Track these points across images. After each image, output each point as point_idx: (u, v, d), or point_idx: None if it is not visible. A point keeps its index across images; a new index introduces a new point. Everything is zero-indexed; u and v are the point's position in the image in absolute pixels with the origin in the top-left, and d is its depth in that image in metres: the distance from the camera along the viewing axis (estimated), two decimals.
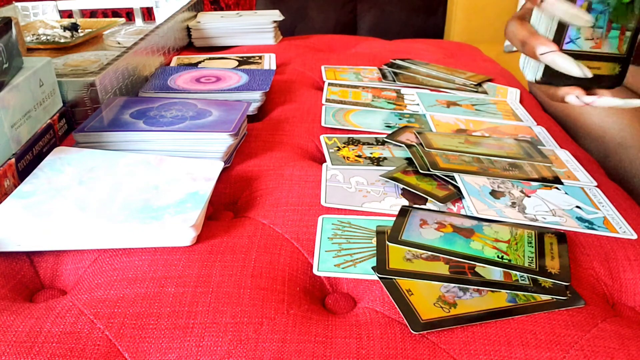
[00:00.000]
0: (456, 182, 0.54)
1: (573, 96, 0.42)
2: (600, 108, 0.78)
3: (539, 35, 0.41)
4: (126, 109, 0.63)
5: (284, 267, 0.42)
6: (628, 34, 0.41)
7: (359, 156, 0.60)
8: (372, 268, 0.42)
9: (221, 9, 2.20)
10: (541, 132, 0.68)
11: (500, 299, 0.39)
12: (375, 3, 2.01)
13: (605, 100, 0.41)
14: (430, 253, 0.43)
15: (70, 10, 1.19)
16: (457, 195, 0.52)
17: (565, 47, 0.41)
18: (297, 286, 0.41)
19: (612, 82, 0.42)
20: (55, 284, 0.44)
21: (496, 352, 0.35)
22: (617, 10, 0.40)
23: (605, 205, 0.51)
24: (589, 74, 0.40)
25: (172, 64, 0.90)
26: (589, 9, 0.40)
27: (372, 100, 0.76)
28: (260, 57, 0.92)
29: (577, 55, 0.41)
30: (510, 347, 0.35)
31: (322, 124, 0.68)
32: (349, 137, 0.64)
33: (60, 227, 0.44)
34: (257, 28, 1.05)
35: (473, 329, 0.36)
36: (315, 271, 0.42)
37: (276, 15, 1.08)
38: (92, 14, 1.92)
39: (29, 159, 0.54)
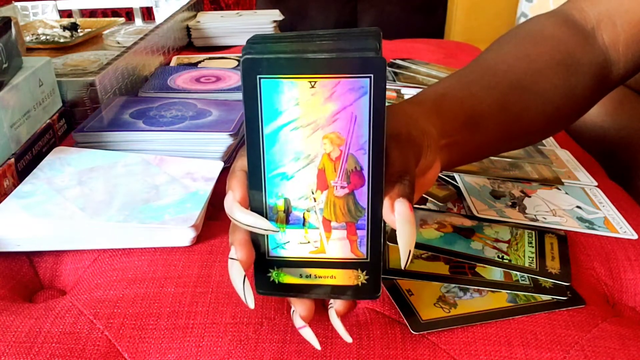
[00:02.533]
0: (456, 182, 0.54)
1: (307, 330, 0.33)
2: (598, 108, 0.78)
3: (235, 232, 0.31)
4: (126, 108, 0.63)
5: None
6: (361, 233, 0.31)
7: None
8: None
9: (221, 9, 2.20)
10: None
11: (500, 299, 0.39)
12: (375, 3, 2.01)
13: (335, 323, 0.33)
14: (430, 253, 0.43)
15: (70, 10, 1.19)
16: (457, 195, 0.52)
17: (272, 253, 0.31)
18: None
19: (360, 293, 0.32)
20: (55, 284, 0.44)
21: (496, 352, 0.35)
22: (329, 207, 0.30)
23: (606, 205, 0.51)
24: (269, 227, 0.30)
25: (171, 64, 0.90)
26: (287, 211, 0.30)
27: None
28: None
29: (294, 263, 0.32)
30: (510, 347, 0.35)
31: None
32: None
33: (59, 227, 0.44)
34: (257, 28, 1.05)
35: (473, 329, 0.36)
36: None
37: (276, 15, 1.08)
38: (92, 13, 1.92)
39: (28, 158, 0.54)
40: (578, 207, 0.51)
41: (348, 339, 0.33)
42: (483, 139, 0.42)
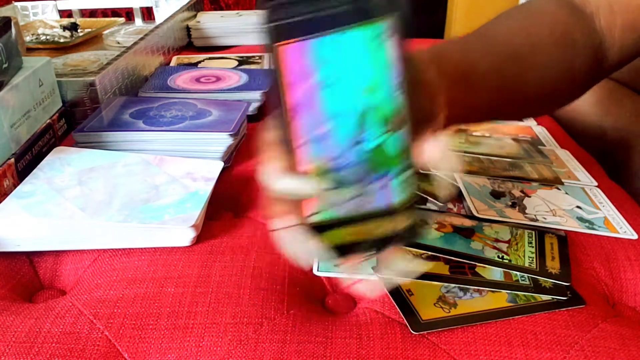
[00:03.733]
0: (456, 182, 0.54)
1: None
2: (598, 107, 0.78)
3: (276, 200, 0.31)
4: (126, 108, 0.63)
5: (284, 267, 0.42)
6: (396, 180, 0.30)
7: None
8: (372, 268, 0.42)
9: (221, 9, 2.20)
10: (541, 132, 0.68)
11: (500, 299, 0.39)
12: None
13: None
14: (430, 253, 0.43)
15: (70, 10, 1.19)
16: (457, 195, 0.52)
17: (315, 218, 0.31)
18: (297, 286, 0.41)
19: (404, 239, 0.32)
20: (55, 284, 0.44)
21: (496, 352, 0.35)
22: (374, 159, 0.30)
23: (606, 205, 0.51)
24: (314, 189, 0.29)
25: (171, 64, 0.90)
26: (326, 173, 0.30)
27: None
28: (260, 57, 0.92)
29: (338, 224, 0.31)
30: (510, 347, 0.35)
31: None
32: None
33: (59, 227, 0.43)
34: (257, 28, 1.05)
35: (473, 329, 0.36)
36: (315, 271, 0.42)
37: None
38: (92, 13, 1.92)
39: (28, 158, 0.54)
40: (578, 207, 0.51)
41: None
42: (478, 99, 0.42)
